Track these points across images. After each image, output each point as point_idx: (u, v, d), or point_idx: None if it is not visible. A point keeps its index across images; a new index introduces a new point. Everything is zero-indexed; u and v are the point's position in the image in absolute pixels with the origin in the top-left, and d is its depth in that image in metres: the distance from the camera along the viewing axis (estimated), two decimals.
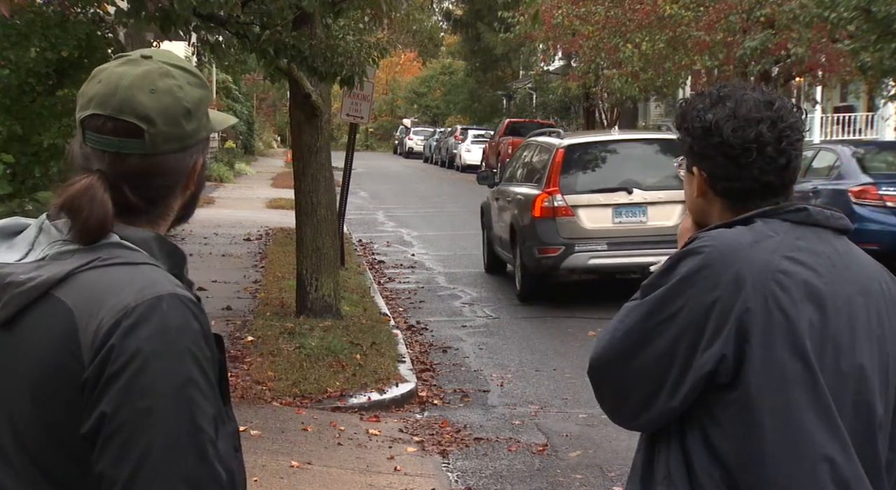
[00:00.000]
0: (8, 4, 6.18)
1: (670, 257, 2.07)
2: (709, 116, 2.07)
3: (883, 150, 17.02)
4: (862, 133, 30.85)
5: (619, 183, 11.98)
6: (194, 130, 1.78)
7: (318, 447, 6.78)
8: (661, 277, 2.05)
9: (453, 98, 64.08)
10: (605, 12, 25.32)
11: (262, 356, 8.79)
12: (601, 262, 11.94)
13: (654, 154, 12.49)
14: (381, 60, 12.39)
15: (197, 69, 1.84)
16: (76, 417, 1.59)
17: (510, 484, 6.41)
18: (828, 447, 1.96)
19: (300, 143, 10.49)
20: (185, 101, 1.76)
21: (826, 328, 1.99)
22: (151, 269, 1.68)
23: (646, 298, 2.06)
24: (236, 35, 9.21)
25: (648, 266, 2.38)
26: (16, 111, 9.61)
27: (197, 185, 1.85)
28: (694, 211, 2.21)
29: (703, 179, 2.13)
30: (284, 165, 39.53)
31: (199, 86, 1.81)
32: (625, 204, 11.88)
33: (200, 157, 1.82)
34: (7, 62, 9.57)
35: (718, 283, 1.97)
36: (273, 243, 16.62)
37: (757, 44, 20.86)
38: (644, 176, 12.03)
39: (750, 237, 2.02)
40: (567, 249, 11.78)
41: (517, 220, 12.46)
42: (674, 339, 2.00)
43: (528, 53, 44.76)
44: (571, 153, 12.26)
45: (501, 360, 9.57)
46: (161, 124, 1.73)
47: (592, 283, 12.93)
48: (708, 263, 1.99)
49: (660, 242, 10.90)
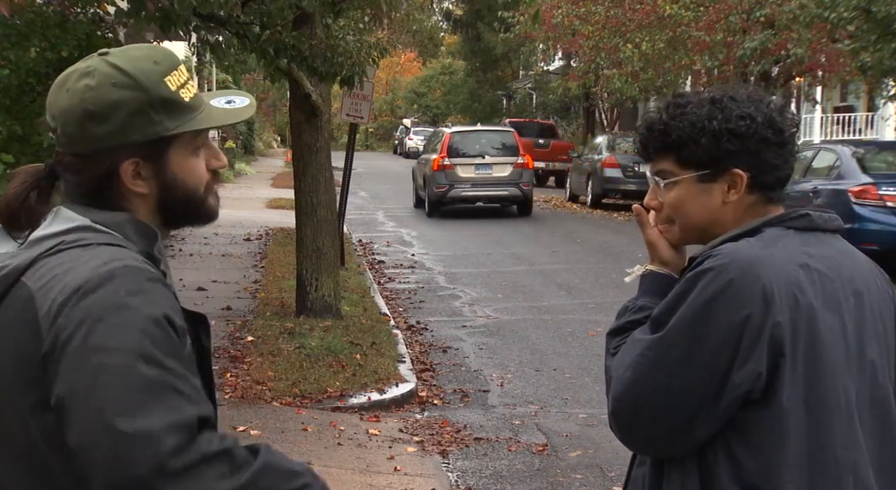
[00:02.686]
0: (8, 4, 6.18)
1: (683, 279, 2.01)
2: (754, 112, 2.06)
3: (883, 150, 17.02)
4: (862, 133, 30.85)
5: (477, 152, 22.55)
6: (107, 134, 1.74)
7: (318, 447, 6.78)
8: (678, 302, 1.97)
9: (453, 98, 64.06)
10: (605, 12, 25.33)
11: (262, 356, 8.79)
12: (467, 194, 22.29)
13: (498, 137, 23.49)
14: (381, 60, 12.39)
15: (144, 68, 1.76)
16: (45, 396, 1.63)
17: (510, 484, 6.41)
18: (852, 457, 1.96)
19: (300, 143, 10.49)
20: (88, 103, 1.73)
21: (844, 331, 2.00)
22: (113, 248, 1.71)
23: (668, 327, 1.97)
24: (236, 35, 9.21)
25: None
26: (16, 111, 9.61)
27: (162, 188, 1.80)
28: (707, 221, 2.12)
29: (741, 178, 2.07)
30: (284, 165, 39.54)
31: (125, 87, 1.74)
32: (480, 163, 22.20)
33: (132, 163, 1.77)
34: (7, 62, 9.57)
35: (747, 300, 1.92)
36: (273, 243, 16.62)
37: (757, 44, 20.87)
38: (490, 149, 22.70)
39: (764, 249, 1.99)
40: (450, 187, 22.11)
41: (426, 172, 22.97)
42: (706, 365, 1.93)
43: (528, 53, 44.77)
44: (454, 136, 23.11)
45: (501, 360, 9.57)
46: (62, 124, 1.75)
47: (592, 283, 12.90)
48: (732, 280, 1.93)
49: (496, 184, 22.03)
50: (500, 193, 22.37)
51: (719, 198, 2.09)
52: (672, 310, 1.98)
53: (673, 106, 2.11)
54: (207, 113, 1.83)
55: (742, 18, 22.08)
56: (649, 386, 1.98)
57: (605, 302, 12.01)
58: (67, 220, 1.76)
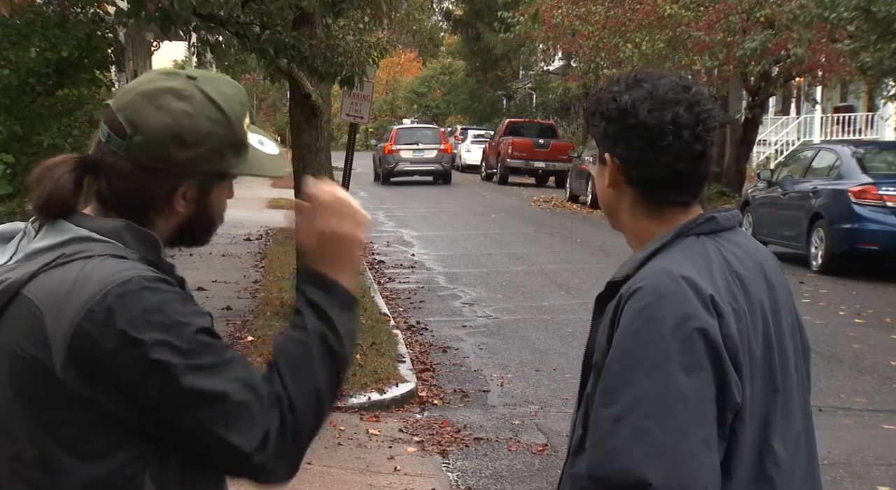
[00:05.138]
0: (8, 4, 6.18)
1: (630, 320, 1.87)
2: (625, 98, 1.96)
3: (883, 150, 17.03)
4: (862, 133, 30.86)
5: (414, 141, 33.66)
6: (186, 160, 1.77)
7: (318, 447, 6.77)
8: (643, 349, 1.84)
9: (453, 98, 64.08)
10: (605, 12, 25.32)
11: (262, 356, 8.78)
12: (407, 169, 33.34)
13: (428, 131, 35.51)
14: (381, 60, 12.39)
15: (234, 109, 1.82)
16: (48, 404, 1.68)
17: (510, 484, 6.40)
18: (782, 445, 1.96)
19: (300, 143, 10.48)
20: (182, 129, 1.76)
21: (778, 326, 1.99)
22: (113, 259, 1.72)
23: (652, 380, 1.82)
24: (236, 35, 9.21)
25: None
26: (16, 111, 9.61)
27: (195, 214, 1.85)
28: (604, 203, 2.10)
29: (615, 167, 2.01)
30: None
31: (216, 123, 1.79)
32: (416, 148, 33.32)
33: (187, 186, 1.80)
34: (7, 62, 9.58)
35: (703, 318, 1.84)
36: (273, 243, 16.63)
37: (757, 44, 20.86)
38: (423, 139, 33.98)
39: (687, 263, 1.92)
40: (396, 164, 33.35)
41: (380, 156, 34.65)
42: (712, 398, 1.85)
43: (528, 53, 44.76)
44: (398, 130, 35.64)
45: (501, 360, 9.57)
46: (145, 137, 1.75)
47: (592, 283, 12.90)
48: (675, 304, 1.84)
49: (426, 162, 33.55)
50: (429, 168, 33.89)
51: (607, 180, 2.04)
52: (646, 363, 1.84)
53: (622, 82, 2.04)
54: (254, 156, 1.89)
55: (742, 18, 22.07)
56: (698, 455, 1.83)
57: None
58: (64, 231, 1.76)
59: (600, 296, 2.02)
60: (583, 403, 2.01)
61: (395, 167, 33.35)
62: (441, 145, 33.89)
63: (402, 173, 33.45)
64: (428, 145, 33.55)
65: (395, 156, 33.37)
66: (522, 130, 35.35)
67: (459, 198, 28.37)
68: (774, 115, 34.91)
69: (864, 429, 7.48)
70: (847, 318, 11.40)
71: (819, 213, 14.65)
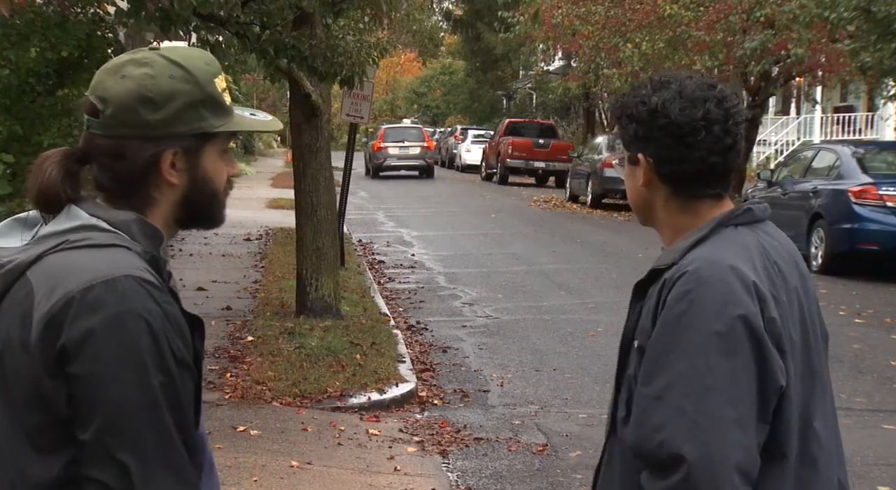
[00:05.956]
0: (8, 4, 6.18)
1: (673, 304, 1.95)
2: (654, 99, 2.05)
3: (883, 150, 17.02)
4: (862, 133, 30.85)
5: (400, 139, 37.86)
6: (160, 121, 1.80)
7: (318, 447, 6.77)
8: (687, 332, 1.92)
9: (453, 98, 64.07)
10: (605, 12, 25.32)
11: (262, 356, 8.79)
12: (394, 163, 37.49)
13: (413, 130, 39.71)
14: (381, 60, 12.39)
15: (197, 66, 1.85)
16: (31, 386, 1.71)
17: (510, 484, 6.40)
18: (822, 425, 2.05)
19: (300, 143, 10.48)
20: (146, 90, 1.80)
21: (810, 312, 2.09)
22: (117, 250, 1.75)
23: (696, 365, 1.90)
24: (236, 35, 9.21)
25: None
26: (16, 111, 9.62)
27: (191, 184, 1.87)
28: (637, 202, 2.17)
29: (648, 166, 2.09)
30: (284, 165, 39.55)
31: (182, 80, 1.82)
32: (402, 146, 37.45)
33: (173, 153, 1.83)
34: (7, 62, 9.58)
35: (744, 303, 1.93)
36: (273, 243, 16.63)
37: (757, 44, 20.86)
38: (408, 136, 38.12)
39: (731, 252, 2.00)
40: (384, 159, 37.58)
41: (371, 152, 39.05)
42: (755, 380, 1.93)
43: (528, 53, 44.78)
44: (386, 129, 39.93)
45: (501, 360, 9.57)
46: (115, 106, 1.80)
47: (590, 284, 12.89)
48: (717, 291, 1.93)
49: (411, 158, 37.59)
50: (413, 163, 37.75)
51: (641, 180, 2.12)
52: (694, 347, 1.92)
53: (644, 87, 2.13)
54: (241, 118, 1.92)
55: (742, 18, 22.07)
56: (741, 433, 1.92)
57: (605, 302, 12.01)
58: (75, 217, 1.79)
59: (641, 282, 2.09)
60: (624, 386, 2.08)
61: (383, 162, 37.62)
62: (424, 143, 38.02)
63: (390, 168, 37.64)
64: (412, 143, 37.87)
65: (384, 152, 37.60)
66: (522, 130, 35.35)
67: (459, 198, 28.36)
68: (774, 115, 34.92)
69: (864, 429, 7.48)
70: (847, 318, 11.40)
71: (819, 213, 14.65)
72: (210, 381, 8.02)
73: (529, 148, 33.71)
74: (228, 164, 1.94)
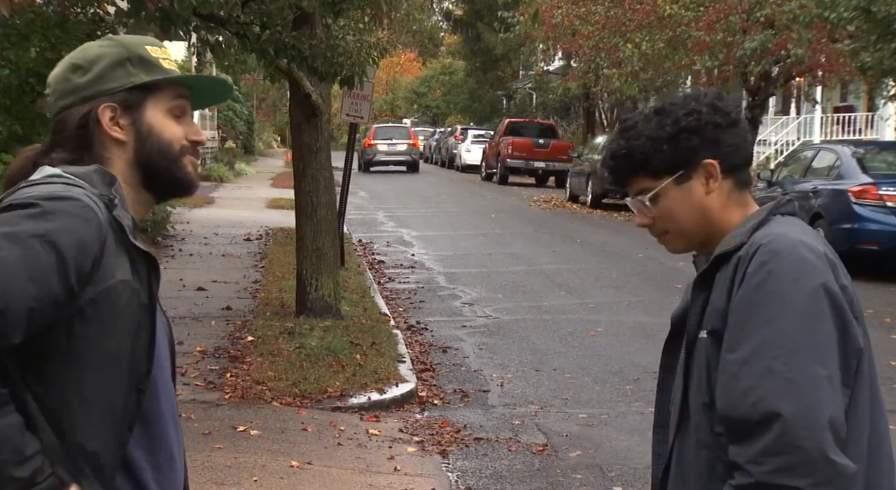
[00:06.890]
0: (8, 4, 6.18)
1: (752, 274, 2.02)
2: (699, 106, 2.17)
3: (883, 150, 17.02)
4: (862, 133, 30.83)
5: (388, 136, 41.77)
6: (89, 81, 1.98)
7: (318, 447, 6.77)
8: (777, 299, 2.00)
9: (453, 98, 64.07)
10: (605, 12, 25.33)
11: (262, 356, 8.79)
12: (383, 159, 41.14)
13: (401, 129, 44.23)
14: (381, 60, 12.39)
15: (125, 38, 2.05)
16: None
17: (510, 484, 6.41)
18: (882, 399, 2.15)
19: (300, 143, 10.48)
20: (73, 58, 2.01)
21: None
22: (61, 184, 1.89)
23: (787, 327, 1.97)
24: (236, 35, 9.21)
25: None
26: (16, 111, 9.61)
27: (139, 138, 1.99)
28: (692, 221, 2.20)
29: (713, 168, 2.17)
30: (284, 165, 39.58)
31: (107, 47, 2.01)
32: (390, 143, 41.41)
33: (109, 108, 1.98)
34: (7, 62, 9.57)
35: (821, 271, 2.02)
36: (273, 243, 16.62)
37: (757, 44, 20.86)
38: (396, 135, 42.21)
39: (797, 229, 2.11)
40: (374, 155, 41.25)
41: (362, 149, 39.56)
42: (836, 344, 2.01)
43: (528, 53, 44.78)
44: (376, 128, 42.60)
45: (501, 360, 9.57)
46: (53, 84, 2.02)
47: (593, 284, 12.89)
48: (793, 260, 2.02)
49: (398, 154, 41.36)
50: (400, 159, 41.06)
51: (701, 191, 2.18)
52: (783, 311, 1.99)
53: (624, 130, 2.23)
54: (173, 71, 2.05)
55: (742, 18, 22.07)
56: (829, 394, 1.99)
57: (605, 302, 12.01)
58: (40, 172, 1.95)
59: (704, 272, 2.14)
60: (694, 378, 2.13)
61: (373, 158, 41.27)
62: (410, 140, 41.87)
63: (379, 163, 41.35)
64: (399, 140, 41.66)
65: (374, 149, 41.30)
66: (522, 130, 35.35)
67: (459, 198, 28.36)
68: (774, 115, 34.91)
69: None
70: None
71: (819, 213, 14.64)
72: (210, 381, 8.03)
73: (529, 148, 33.71)
74: (190, 130, 2.04)
